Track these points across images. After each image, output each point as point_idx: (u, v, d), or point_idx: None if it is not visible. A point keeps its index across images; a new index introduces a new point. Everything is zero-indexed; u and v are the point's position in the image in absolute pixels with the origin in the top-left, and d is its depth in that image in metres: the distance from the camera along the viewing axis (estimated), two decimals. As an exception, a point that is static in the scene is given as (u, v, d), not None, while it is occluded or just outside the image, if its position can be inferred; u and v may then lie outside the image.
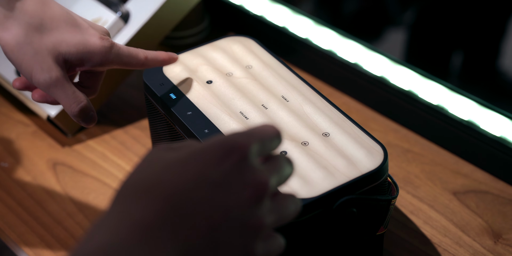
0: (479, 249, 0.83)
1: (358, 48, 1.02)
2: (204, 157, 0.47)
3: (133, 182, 0.47)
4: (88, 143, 0.98)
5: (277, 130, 0.50)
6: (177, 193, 0.46)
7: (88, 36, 0.65)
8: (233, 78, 0.77)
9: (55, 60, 0.64)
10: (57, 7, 0.66)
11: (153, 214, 0.45)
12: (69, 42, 0.64)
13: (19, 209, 0.90)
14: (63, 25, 0.65)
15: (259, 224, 0.47)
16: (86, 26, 0.66)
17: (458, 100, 0.94)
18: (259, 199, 0.47)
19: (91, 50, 0.65)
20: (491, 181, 0.91)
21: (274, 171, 0.49)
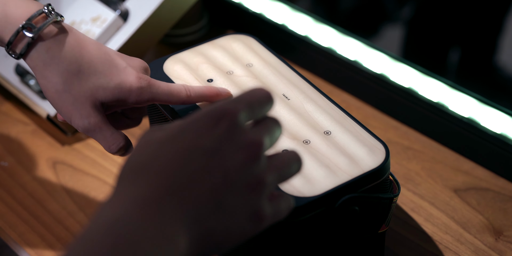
0: (480, 246, 0.83)
1: (357, 46, 1.02)
2: (194, 128, 0.49)
3: (131, 164, 0.49)
4: (88, 141, 0.98)
5: (266, 93, 0.51)
6: (173, 165, 0.47)
7: (125, 77, 0.65)
8: (234, 76, 0.76)
9: (93, 106, 0.65)
10: (95, 50, 0.66)
11: (155, 189, 0.46)
12: (106, 87, 0.65)
13: (20, 208, 0.89)
14: (101, 68, 0.65)
15: (259, 181, 0.48)
16: (124, 65, 0.66)
17: (458, 97, 0.93)
18: (255, 158, 0.48)
19: (127, 92, 0.65)
20: (492, 178, 0.91)
21: (265, 131, 0.50)
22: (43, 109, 0.96)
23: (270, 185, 0.49)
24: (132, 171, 0.48)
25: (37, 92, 0.98)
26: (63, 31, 0.65)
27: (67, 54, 0.64)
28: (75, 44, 0.65)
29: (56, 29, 0.64)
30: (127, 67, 0.66)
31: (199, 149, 0.48)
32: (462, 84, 0.94)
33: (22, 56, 0.64)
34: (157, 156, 0.48)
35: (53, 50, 0.64)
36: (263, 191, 0.49)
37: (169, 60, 0.79)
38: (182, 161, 0.47)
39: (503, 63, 1.03)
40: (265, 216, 0.49)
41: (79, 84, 0.64)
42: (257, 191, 0.48)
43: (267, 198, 0.49)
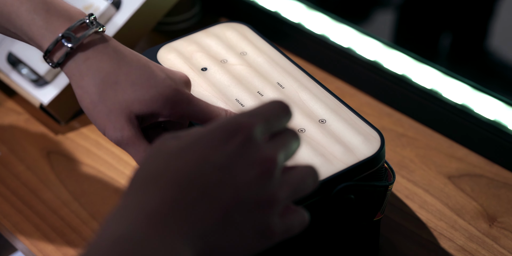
0: (474, 232, 0.84)
1: (351, 33, 1.02)
2: (207, 141, 0.48)
3: (141, 174, 0.48)
4: (81, 130, 0.98)
5: (285, 106, 0.50)
6: (184, 179, 0.46)
7: (162, 89, 0.63)
8: (228, 65, 0.76)
9: (127, 119, 0.63)
10: (134, 62, 0.64)
11: (164, 202, 0.45)
12: (141, 99, 0.63)
13: (14, 198, 0.89)
14: (138, 80, 0.63)
15: (271, 199, 0.47)
16: (163, 78, 0.64)
17: (452, 83, 0.94)
18: (268, 174, 0.47)
19: (162, 105, 0.63)
20: (485, 165, 0.92)
21: (281, 146, 0.49)
22: (36, 98, 0.96)
23: (282, 202, 0.48)
24: (142, 182, 0.47)
25: (30, 81, 0.97)
26: (102, 42, 0.63)
27: (105, 65, 0.62)
28: (114, 55, 0.63)
29: (96, 40, 0.63)
30: (167, 79, 0.64)
31: (210, 163, 0.47)
32: (455, 71, 0.94)
33: (60, 65, 0.63)
34: (168, 168, 0.47)
35: (91, 60, 0.62)
36: (274, 209, 0.48)
37: (163, 49, 0.78)
38: (192, 175, 0.46)
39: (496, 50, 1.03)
40: (275, 233, 0.48)
41: (114, 96, 0.62)
42: (268, 209, 0.47)
43: (279, 215, 0.48)
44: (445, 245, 0.83)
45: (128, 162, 0.93)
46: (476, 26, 1.04)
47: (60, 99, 0.95)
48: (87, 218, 0.86)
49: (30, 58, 0.97)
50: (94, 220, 0.86)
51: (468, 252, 0.82)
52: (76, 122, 0.99)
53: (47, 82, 0.96)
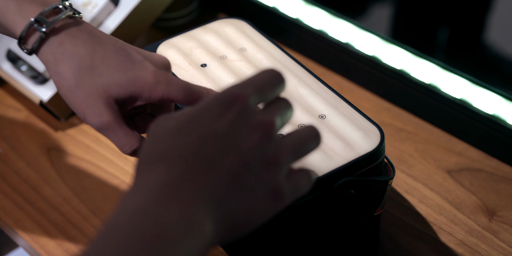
0: (474, 226, 0.84)
1: (349, 28, 1.02)
2: (205, 116, 0.50)
3: (146, 154, 0.50)
4: (81, 127, 0.98)
5: (277, 74, 0.52)
6: (190, 152, 0.48)
7: (140, 71, 0.62)
8: (227, 61, 0.76)
9: (105, 103, 0.62)
10: (110, 45, 0.63)
11: (174, 175, 0.48)
12: (118, 82, 0.62)
13: (14, 194, 0.89)
14: (114, 63, 0.62)
15: (274, 160, 0.49)
16: (140, 59, 0.63)
17: (450, 78, 0.94)
18: (268, 137, 0.50)
19: (140, 88, 0.62)
20: (484, 159, 0.92)
21: (276, 112, 0.51)
22: (36, 95, 0.96)
23: (286, 162, 0.50)
24: (150, 160, 0.49)
25: (29, 78, 0.97)
26: (76, 26, 0.62)
27: (80, 49, 0.62)
28: (88, 39, 0.62)
29: (69, 24, 0.62)
30: (144, 60, 0.63)
31: (212, 135, 0.49)
32: (454, 65, 0.94)
33: (34, 51, 0.62)
34: (172, 145, 0.49)
35: (65, 45, 0.61)
36: (280, 169, 0.50)
37: (162, 45, 0.78)
38: (198, 148, 0.48)
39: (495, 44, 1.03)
40: (284, 193, 0.50)
41: (91, 80, 0.61)
42: (273, 169, 0.49)
43: (285, 176, 0.50)
44: (445, 239, 0.83)
45: (128, 158, 0.93)
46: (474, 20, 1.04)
47: (60, 96, 0.95)
48: (88, 214, 0.87)
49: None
50: (95, 216, 0.86)
51: (467, 246, 0.82)
52: (75, 118, 0.99)
53: (46, 79, 0.97)
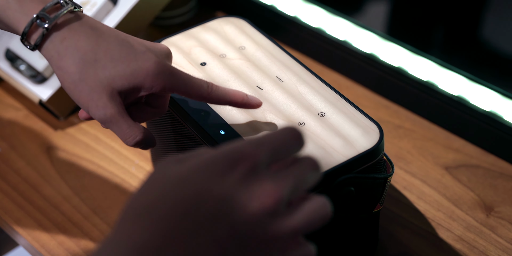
0: (472, 222, 0.85)
1: (347, 25, 1.02)
2: (208, 170, 0.45)
3: (135, 204, 0.46)
4: (80, 126, 0.98)
5: (296, 133, 0.47)
6: (179, 211, 0.44)
7: (142, 62, 0.63)
8: (227, 59, 0.77)
9: (109, 96, 0.62)
10: (113, 37, 0.63)
11: (156, 236, 0.43)
12: (122, 74, 0.62)
13: (14, 193, 0.90)
14: (118, 55, 0.62)
15: (271, 236, 0.45)
16: (143, 50, 0.63)
17: (448, 75, 0.94)
18: (268, 212, 0.44)
19: (142, 78, 0.62)
20: (482, 155, 0.93)
21: (290, 179, 0.46)
22: (35, 94, 0.96)
23: (284, 239, 0.45)
24: (135, 212, 0.45)
25: (28, 77, 0.97)
26: (78, 20, 0.63)
27: (83, 43, 0.62)
28: (91, 32, 0.63)
29: (71, 19, 0.62)
30: (147, 51, 0.63)
31: (209, 196, 0.44)
32: (451, 62, 0.95)
33: (37, 47, 0.63)
34: (164, 198, 0.45)
35: (68, 40, 0.62)
36: (274, 246, 0.45)
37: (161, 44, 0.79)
38: (189, 207, 0.44)
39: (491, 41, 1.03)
40: None
41: (95, 74, 0.62)
42: (267, 246, 0.45)
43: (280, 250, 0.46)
44: (443, 235, 0.83)
45: (127, 157, 0.94)
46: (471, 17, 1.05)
47: (59, 94, 0.96)
48: (88, 213, 0.87)
49: (28, 54, 0.98)
50: (95, 215, 0.87)
51: (466, 242, 0.83)
52: (75, 117, 0.99)
53: (45, 78, 0.97)
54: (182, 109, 0.72)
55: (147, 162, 0.93)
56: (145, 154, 0.94)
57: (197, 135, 0.72)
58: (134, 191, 0.47)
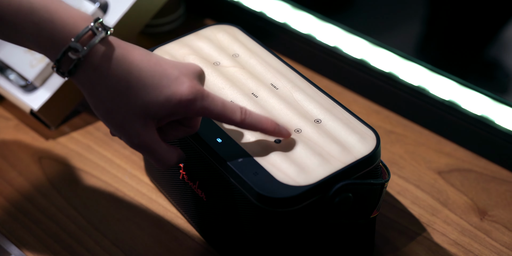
0: (466, 226, 0.85)
1: (337, 31, 1.02)
2: None
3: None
4: (72, 135, 0.98)
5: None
6: None
7: (176, 88, 0.63)
8: (221, 67, 0.77)
9: (142, 124, 0.63)
10: (145, 63, 0.63)
11: None
12: (155, 102, 0.62)
13: (7, 204, 0.89)
14: (150, 81, 0.62)
15: None
16: (175, 75, 0.63)
17: (438, 80, 0.95)
18: None
19: (177, 104, 0.63)
20: (474, 159, 0.93)
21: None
22: (26, 104, 0.96)
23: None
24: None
25: (18, 87, 0.97)
26: (109, 47, 0.62)
27: (115, 71, 0.62)
28: (122, 59, 0.62)
29: (103, 46, 0.62)
30: (180, 76, 0.63)
31: None
32: (442, 68, 0.96)
33: (70, 76, 0.62)
34: None
35: (100, 68, 0.61)
36: None
37: (155, 52, 0.78)
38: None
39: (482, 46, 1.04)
40: None
41: (127, 102, 0.62)
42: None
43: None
44: (439, 240, 0.84)
45: (120, 166, 0.93)
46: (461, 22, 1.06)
47: (50, 104, 0.95)
48: (83, 222, 0.87)
49: (17, 63, 0.97)
50: (89, 224, 0.86)
51: (461, 246, 0.83)
52: (66, 126, 0.99)
53: (36, 87, 0.96)
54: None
55: (140, 171, 0.92)
56: (138, 162, 0.93)
57: (194, 143, 0.72)
58: None
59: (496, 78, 1.02)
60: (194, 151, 0.72)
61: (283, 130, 0.68)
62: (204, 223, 0.81)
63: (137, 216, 0.87)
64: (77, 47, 0.61)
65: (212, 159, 0.70)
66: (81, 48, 0.61)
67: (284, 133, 0.68)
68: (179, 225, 0.86)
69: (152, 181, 0.90)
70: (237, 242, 0.74)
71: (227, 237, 0.76)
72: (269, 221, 0.67)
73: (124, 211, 0.88)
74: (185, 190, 0.80)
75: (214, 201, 0.74)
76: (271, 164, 0.67)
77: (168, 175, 0.82)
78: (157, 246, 0.84)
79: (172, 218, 0.87)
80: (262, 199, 0.65)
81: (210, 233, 0.81)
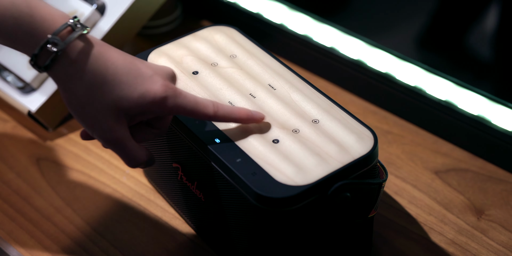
0: (463, 226, 0.86)
1: (333, 32, 1.03)
2: None
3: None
4: (70, 136, 0.98)
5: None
6: None
7: (150, 86, 0.64)
8: (219, 68, 0.77)
9: (115, 119, 0.64)
10: (121, 61, 0.65)
11: None
12: (129, 98, 0.64)
13: (5, 206, 0.89)
14: (125, 79, 0.64)
15: None
16: (150, 74, 0.65)
17: (435, 80, 0.95)
18: None
19: (151, 101, 0.64)
20: (470, 159, 0.93)
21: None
22: (24, 105, 0.96)
23: None
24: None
25: (16, 88, 0.97)
26: (87, 44, 0.63)
27: (92, 67, 0.63)
28: (99, 56, 0.64)
29: (81, 42, 0.63)
30: (153, 75, 0.65)
31: None
32: (438, 68, 0.96)
33: (46, 69, 0.63)
34: None
35: (77, 63, 0.63)
36: None
37: (153, 54, 0.79)
38: None
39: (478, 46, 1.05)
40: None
41: (102, 97, 0.63)
42: None
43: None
44: (436, 239, 0.84)
45: (118, 167, 0.93)
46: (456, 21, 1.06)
47: (48, 105, 0.95)
48: (81, 223, 0.87)
49: (15, 65, 0.97)
50: (87, 225, 0.87)
51: (458, 245, 0.84)
52: (64, 128, 0.99)
53: (33, 89, 0.96)
54: (176, 119, 0.72)
55: (138, 172, 0.93)
56: (136, 163, 0.94)
57: (192, 144, 0.72)
58: None
59: (492, 78, 1.03)
60: (192, 152, 0.73)
61: (256, 115, 0.70)
62: (202, 223, 0.81)
63: (135, 217, 0.87)
64: (56, 41, 0.62)
65: (210, 160, 0.70)
66: (60, 42, 0.62)
67: (257, 118, 0.70)
68: (177, 225, 0.86)
69: (150, 182, 0.90)
70: (235, 242, 0.74)
71: (225, 237, 0.76)
72: (267, 221, 0.67)
73: (122, 212, 0.88)
74: (183, 191, 0.80)
75: (212, 201, 0.74)
76: (269, 164, 0.67)
77: (166, 176, 0.82)
78: (155, 247, 0.84)
79: (170, 219, 0.87)
80: (261, 199, 0.65)
81: (208, 233, 0.81)
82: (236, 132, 0.70)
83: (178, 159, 0.77)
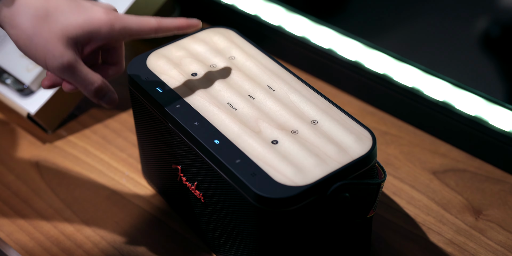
0: (461, 226, 0.86)
1: (331, 34, 1.03)
2: None
3: None
4: (69, 138, 0.98)
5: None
6: None
7: (92, 13, 0.68)
8: (217, 69, 0.77)
9: (65, 45, 0.66)
10: None
11: None
12: (75, 24, 0.67)
13: (6, 208, 0.89)
14: (67, 9, 0.67)
15: None
16: (90, 5, 0.69)
17: (432, 81, 0.96)
18: None
19: (97, 26, 0.67)
20: (468, 159, 0.94)
21: None
22: (23, 108, 0.96)
23: None
24: None
25: (15, 91, 0.97)
26: None
27: (33, 1, 0.66)
28: None
29: None
30: (94, 5, 0.69)
31: None
32: (435, 69, 0.96)
33: None
34: None
35: (19, 0, 0.66)
36: None
37: (151, 56, 0.79)
38: None
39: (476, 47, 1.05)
40: None
41: (48, 26, 0.66)
42: None
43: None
44: (434, 239, 0.85)
45: (117, 168, 0.94)
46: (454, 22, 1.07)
47: (47, 108, 0.96)
48: (81, 225, 0.87)
49: (14, 68, 0.97)
50: (87, 227, 0.87)
51: (456, 245, 0.84)
52: (63, 130, 0.99)
53: (32, 91, 0.97)
54: (175, 120, 0.73)
55: (137, 173, 0.93)
56: (135, 165, 0.94)
57: (191, 145, 0.72)
58: None
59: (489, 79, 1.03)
60: (192, 153, 0.73)
61: (193, 20, 0.73)
62: (202, 224, 0.81)
63: (135, 219, 0.88)
64: None
65: (209, 161, 0.70)
66: None
67: (194, 22, 0.73)
68: (176, 226, 0.86)
69: (149, 183, 0.91)
70: (235, 242, 0.75)
71: (225, 237, 0.77)
72: (267, 221, 0.68)
73: (122, 214, 0.88)
74: (183, 192, 0.80)
75: (212, 202, 0.75)
76: (269, 165, 0.68)
77: (166, 177, 0.83)
78: (155, 248, 0.84)
79: (170, 220, 0.87)
80: (260, 199, 0.66)
81: (208, 234, 0.82)
82: (235, 133, 0.71)
83: (177, 161, 0.77)
